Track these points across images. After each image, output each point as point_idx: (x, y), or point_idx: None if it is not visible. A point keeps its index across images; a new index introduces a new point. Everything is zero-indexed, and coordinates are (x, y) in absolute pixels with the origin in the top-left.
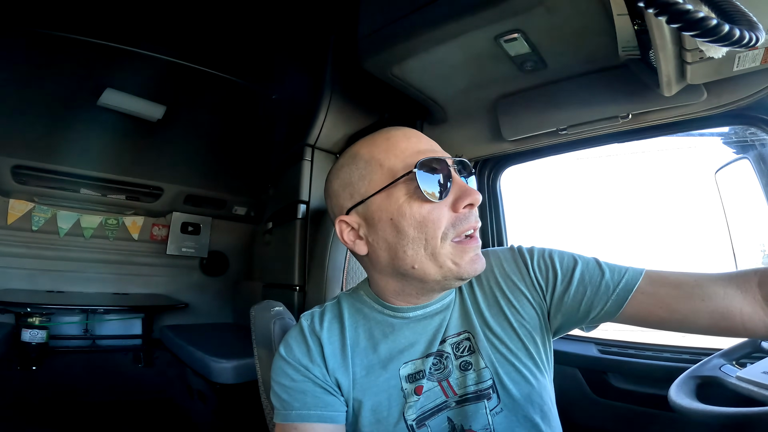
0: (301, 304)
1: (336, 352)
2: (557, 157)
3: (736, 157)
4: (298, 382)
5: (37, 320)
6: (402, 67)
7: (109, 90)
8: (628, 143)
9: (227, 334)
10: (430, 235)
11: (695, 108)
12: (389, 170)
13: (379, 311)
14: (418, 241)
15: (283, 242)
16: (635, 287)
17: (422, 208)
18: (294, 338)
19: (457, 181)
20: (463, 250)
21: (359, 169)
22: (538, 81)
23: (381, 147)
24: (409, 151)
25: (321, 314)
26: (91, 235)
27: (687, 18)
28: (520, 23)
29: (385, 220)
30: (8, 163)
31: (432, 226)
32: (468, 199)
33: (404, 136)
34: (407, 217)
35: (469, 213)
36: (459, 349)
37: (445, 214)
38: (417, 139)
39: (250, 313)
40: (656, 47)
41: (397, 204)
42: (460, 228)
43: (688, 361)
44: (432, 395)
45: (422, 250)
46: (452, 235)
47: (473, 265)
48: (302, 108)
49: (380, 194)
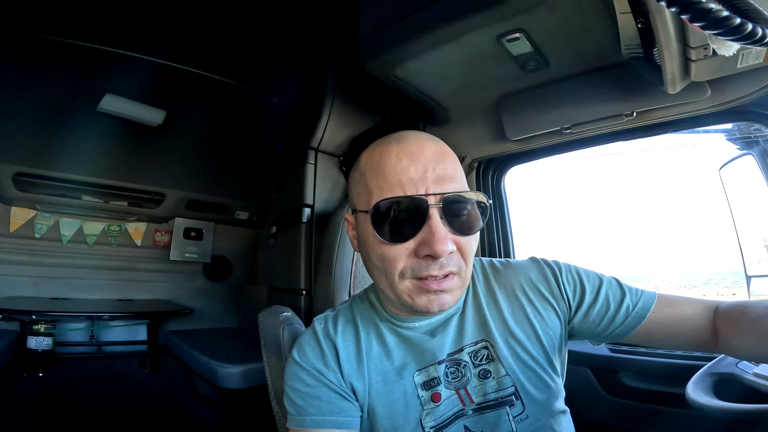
0: (308, 308)
1: (351, 357)
2: (561, 156)
3: (740, 153)
4: (312, 387)
5: (43, 327)
6: (404, 68)
7: (109, 95)
8: (633, 141)
9: (233, 339)
10: (389, 270)
11: (699, 105)
12: (368, 194)
13: (386, 319)
14: (380, 270)
15: (288, 246)
16: (651, 309)
17: (381, 247)
18: (307, 342)
19: (429, 226)
20: (421, 290)
21: (354, 178)
22: (540, 80)
23: (372, 162)
24: (391, 179)
25: (334, 318)
26: (94, 241)
27: (711, 17)
28: (522, 23)
29: (361, 237)
30: (9, 171)
31: (390, 263)
32: (426, 250)
33: (397, 156)
34: (371, 247)
35: (431, 262)
36: (477, 358)
37: (402, 257)
38: (409, 162)
39: (258, 319)
40: (660, 45)
41: (366, 231)
42: (419, 273)
43: (701, 359)
44: (449, 403)
45: (383, 278)
46: (411, 276)
47: (428, 305)
48: (304, 111)
49: (360, 214)
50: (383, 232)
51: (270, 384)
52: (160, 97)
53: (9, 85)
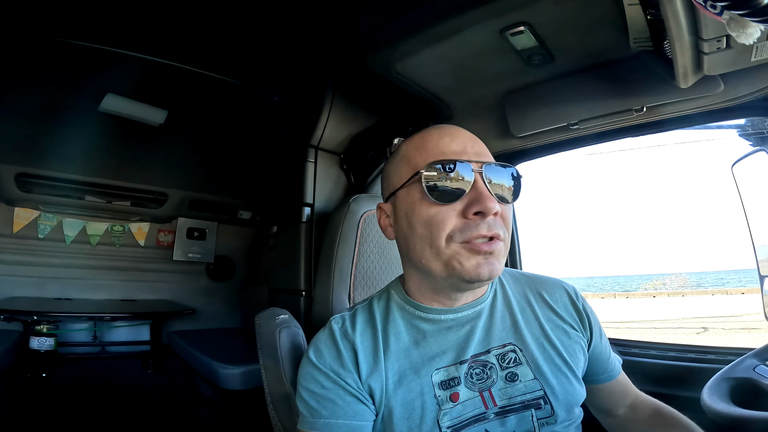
0: (308, 310)
1: (369, 358)
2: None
3: (753, 149)
4: (328, 390)
5: (45, 328)
6: (405, 64)
7: (110, 95)
8: (644, 137)
9: (235, 340)
10: (435, 235)
11: (712, 100)
12: (413, 168)
13: (410, 313)
14: (425, 238)
15: (288, 246)
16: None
17: (431, 209)
18: (324, 342)
19: (475, 187)
20: (471, 252)
21: (395, 162)
22: (546, 75)
23: (414, 144)
24: (435, 152)
25: (352, 317)
26: (97, 242)
27: (752, 4)
28: (525, 15)
29: (402, 213)
30: (12, 172)
31: (436, 227)
32: (476, 207)
33: (438, 135)
34: (417, 214)
35: (480, 221)
36: (505, 361)
37: (452, 218)
38: (450, 139)
39: (255, 321)
40: (672, 38)
41: (411, 200)
42: (468, 234)
43: (715, 362)
44: (471, 405)
45: (428, 247)
46: (459, 239)
47: (477, 269)
48: (304, 109)
49: (402, 189)
50: (433, 193)
51: (266, 388)
52: (161, 96)
53: (9, 85)
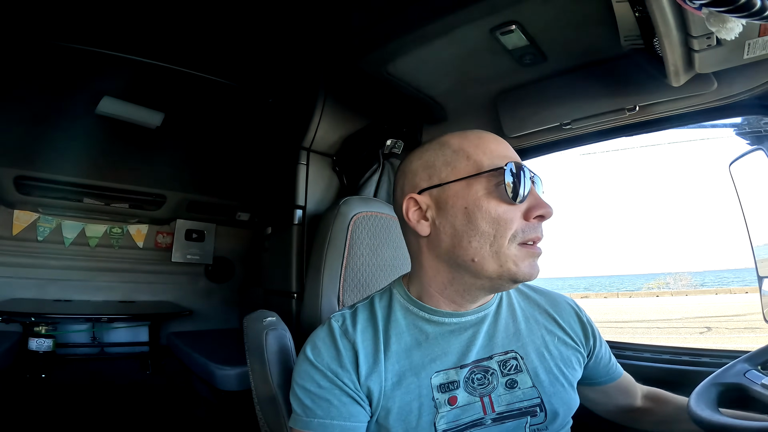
0: (298, 312)
1: (369, 358)
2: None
3: (750, 148)
4: (324, 389)
5: (44, 329)
6: (397, 64)
7: (107, 98)
8: (638, 137)
9: (233, 341)
10: (500, 233)
11: (706, 98)
12: (475, 163)
13: (414, 313)
14: (487, 236)
15: (280, 248)
16: (620, 377)
17: (499, 207)
18: (323, 340)
19: (534, 192)
20: (527, 255)
21: (445, 155)
22: (538, 75)
23: (472, 141)
24: (497, 153)
25: (353, 315)
26: (96, 244)
27: None
28: (515, 14)
29: (459, 207)
30: (10, 174)
31: (504, 225)
32: (540, 210)
33: (495, 139)
34: (483, 210)
35: (538, 224)
36: (506, 367)
37: (517, 218)
38: (506, 147)
39: (243, 324)
40: (660, 35)
41: (475, 196)
42: (528, 236)
43: (709, 365)
44: (470, 409)
45: (487, 245)
46: (520, 239)
47: (531, 269)
48: (297, 111)
49: (460, 182)
50: (510, 192)
51: (254, 390)
52: (158, 98)
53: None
